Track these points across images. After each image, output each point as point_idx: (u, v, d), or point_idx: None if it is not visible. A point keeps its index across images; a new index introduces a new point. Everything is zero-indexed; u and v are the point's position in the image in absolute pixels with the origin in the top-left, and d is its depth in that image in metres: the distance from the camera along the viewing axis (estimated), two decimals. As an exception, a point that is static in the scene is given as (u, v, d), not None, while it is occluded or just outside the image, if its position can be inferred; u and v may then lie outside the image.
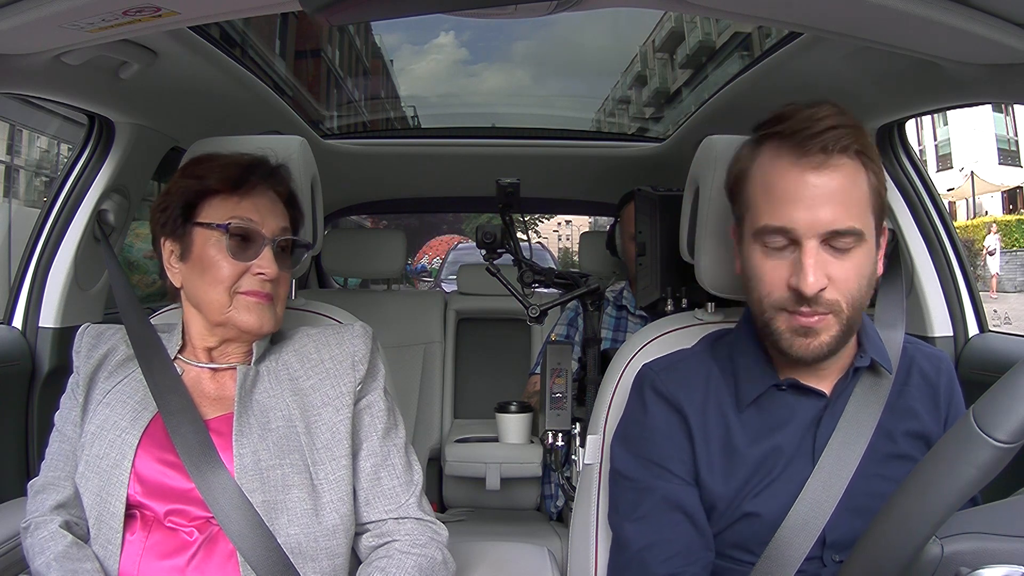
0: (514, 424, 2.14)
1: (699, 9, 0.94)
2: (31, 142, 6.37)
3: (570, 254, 18.62)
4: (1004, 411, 0.66)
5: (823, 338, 0.89)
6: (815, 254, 0.86)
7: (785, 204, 0.88)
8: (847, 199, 0.87)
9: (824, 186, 0.86)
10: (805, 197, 0.87)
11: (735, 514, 0.93)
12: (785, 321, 0.90)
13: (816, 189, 0.87)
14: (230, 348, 1.07)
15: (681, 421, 0.97)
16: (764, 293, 0.91)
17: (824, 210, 0.86)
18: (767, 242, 0.90)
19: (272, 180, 1.08)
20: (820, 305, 0.88)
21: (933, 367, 1.02)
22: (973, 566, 0.68)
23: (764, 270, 0.91)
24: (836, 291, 0.88)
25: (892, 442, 0.95)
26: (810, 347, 0.90)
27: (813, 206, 0.86)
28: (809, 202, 0.87)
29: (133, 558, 0.95)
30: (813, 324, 0.89)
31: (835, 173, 0.87)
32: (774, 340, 0.92)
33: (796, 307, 0.88)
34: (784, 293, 0.89)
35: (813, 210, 0.86)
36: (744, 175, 0.94)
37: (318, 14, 0.84)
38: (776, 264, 0.90)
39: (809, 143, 0.86)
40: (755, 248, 0.92)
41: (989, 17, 0.88)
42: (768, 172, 0.90)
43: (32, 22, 0.91)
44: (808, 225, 0.86)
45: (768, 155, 0.91)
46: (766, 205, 0.90)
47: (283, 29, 2.27)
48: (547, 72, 2.93)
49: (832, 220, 0.86)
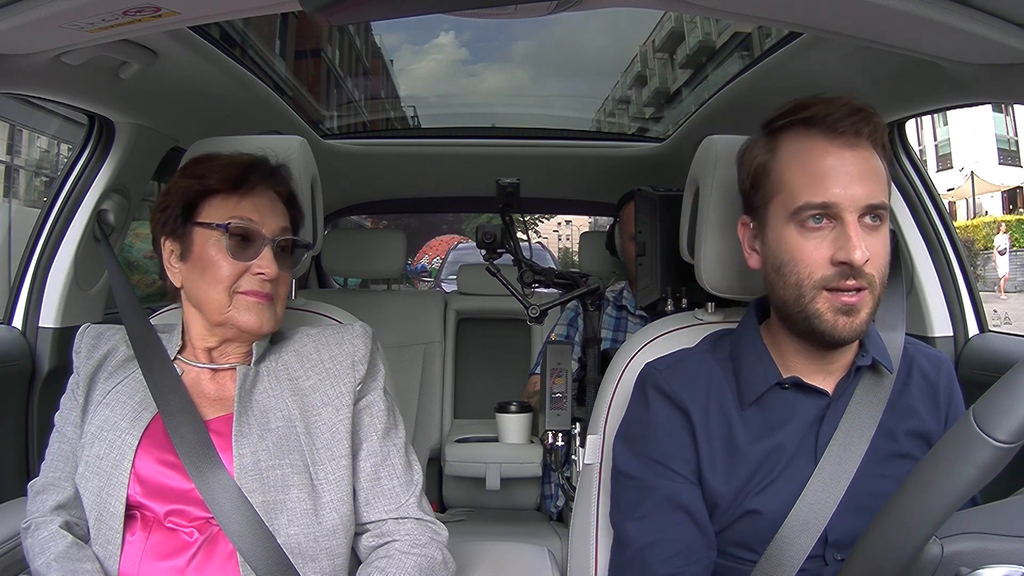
0: (514, 424, 2.14)
1: (699, 9, 0.94)
2: (31, 142, 6.37)
3: (570, 254, 18.62)
4: (1004, 411, 0.66)
5: (863, 315, 0.90)
6: (855, 226, 0.88)
7: (824, 180, 0.89)
8: (878, 177, 0.91)
9: (860, 163, 0.90)
10: (843, 173, 0.89)
11: (737, 512, 0.93)
12: (827, 301, 0.90)
13: (853, 166, 0.89)
14: (230, 348, 1.07)
15: (684, 419, 0.97)
16: (805, 274, 0.91)
17: (862, 185, 0.89)
18: (805, 222, 0.90)
19: (272, 180, 1.08)
20: (863, 278, 0.89)
21: (933, 367, 1.02)
22: (973, 566, 0.68)
23: (804, 250, 0.91)
24: (873, 266, 0.90)
25: (893, 441, 0.95)
26: (853, 325, 0.90)
27: (851, 182, 0.89)
28: (847, 178, 0.89)
29: (133, 558, 0.95)
30: (855, 302, 0.89)
31: (866, 152, 0.91)
32: (814, 323, 0.91)
33: (841, 282, 0.89)
34: (828, 270, 0.89)
35: (852, 185, 0.89)
36: (766, 166, 0.95)
37: (318, 14, 0.84)
38: (817, 243, 0.90)
39: (841, 124, 0.89)
40: (790, 230, 0.92)
41: (989, 17, 0.88)
42: (801, 153, 0.92)
43: (32, 22, 0.91)
44: (850, 199, 0.89)
45: (795, 140, 0.93)
46: (805, 183, 0.91)
47: (283, 29, 2.27)
48: (547, 72, 2.93)
49: (869, 194, 0.89)
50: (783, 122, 0.94)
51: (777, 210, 0.93)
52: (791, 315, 0.93)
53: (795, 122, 0.93)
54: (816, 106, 0.91)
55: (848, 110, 0.90)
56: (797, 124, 0.92)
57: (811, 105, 0.92)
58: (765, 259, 0.96)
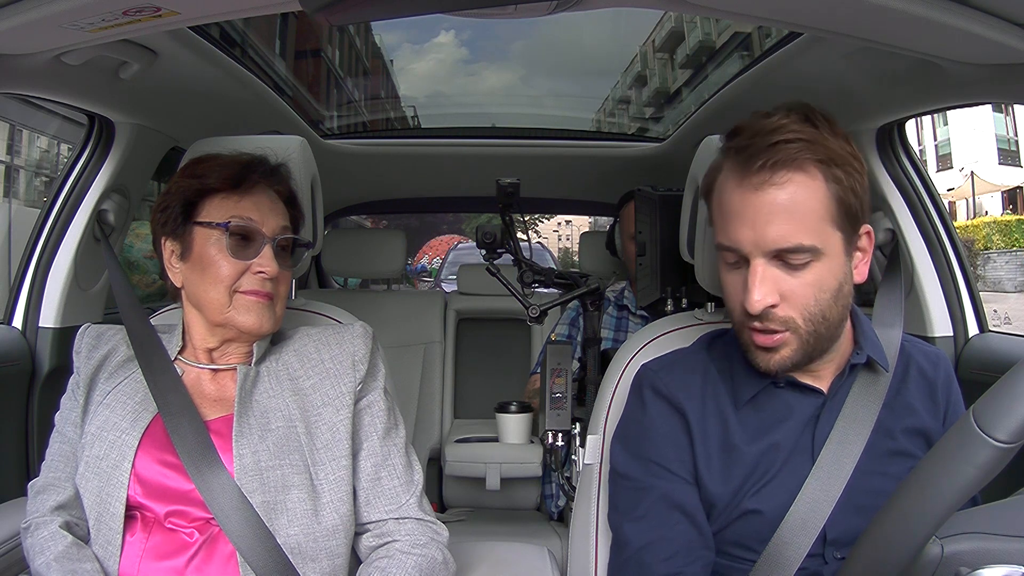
0: (514, 424, 2.14)
1: (699, 9, 0.94)
2: (31, 142, 6.37)
3: (570, 254, 18.62)
4: (1004, 411, 0.66)
5: (783, 353, 0.90)
6: (761, 272, 0.87)
7: (732, 222, 0.88)
8: (796, 215, 0.85)
9: (768, 204, 0.85)
10: (748, 216, 0.86)
11: (735, 512, 0.93)
12: (747, 336, 0.92)
13: (760, 208, 0.86)
14: (230, 349, 1.07)
15: (680, 420, 0.97)
16: (731, 308, 0.94)
17: (770, 228, 0.85)
18: (725, 258, 0.92)
19: (272, 179, 1.08)
20: (772, 322, 0.88)
21: (931, 364, 1.02)
22: (973, 566, 0.68)
23: (728, 287, 0.93)
24: (790, 308, 0.88)
25: (891, 439, 0.95)
26: (771, 362, 0.91)
27: (757, 225, 0.86)
28: (752, 221, 0.86)
29: (133, 559, 0.95)
30: (770, 343, 0.90)
31: (780, 190, 0.85)
32: (745, 351, 0.94)
33: (752, 323, 0.89)
34: (740, 310, 0.90)
35: (757, 228, 0.86)
36: (711, 188, 0.95)
37: (318, 14, 0.84)
38: (734, 280, 0.92)
39: (752, 161, 0.85)
40: (720, 263, 0.94)
41: (989, 17, 0.88)
42: (721, 190, 0.91)
43: (32, 22, 0.91)
44: (753, 243, 0.87)
45: (724, 172, 0.91)
46: (720, 223, 0.91)
47: (283, 29, 2.27)
48: (547, 72, 2.92)
49: (778, 238, 0.85)
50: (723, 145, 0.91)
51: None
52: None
53: (727, 148, 0.90)
54: (743, 134, 0.87)
55: (768, 141, 0.84)
56: (728, 152, 0.90)
57: (743, 130, 0.88)
58: None
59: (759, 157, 0.85)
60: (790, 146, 0.85)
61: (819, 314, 0.89)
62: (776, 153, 0.85)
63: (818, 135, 0.86)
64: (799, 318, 0.88)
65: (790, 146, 0.85)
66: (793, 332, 0.89)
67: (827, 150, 0.86)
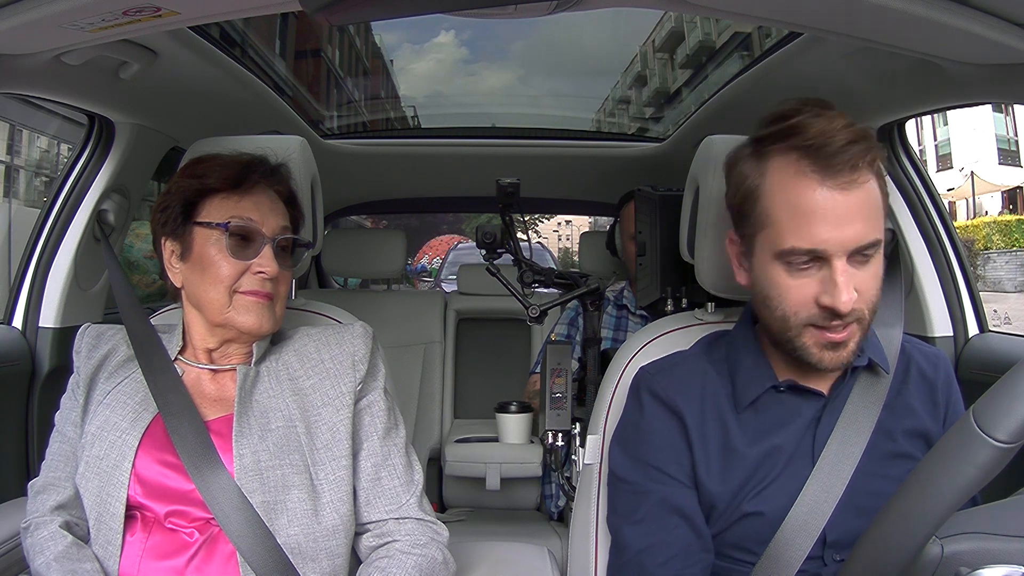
0: (514, 424, 2.14)
1: (699, 9, 0.94)
2: (31, 142, 6.37)
3: (570, 254, 18.62)
4: (1004, 411, 0.66)
5: (850, 347, 0.90)
6: (846, 271, 0.85)
7: (813, 225, 0.85)
8: (873, 212, 0.86)
9: (852, 204, 0.85)
10: (833, 216, 0.85)
11: (735, 514, 0.93)
12: (813, 336, 0.89)
13: (845, 208, 0.85)
14: (230, 349, 1.07)
15: (678, 424, 0.97)
16: (791, 312, 0.89)
17: (852, 228, 0.85)
18: (792, 263, 0.88)
19: (272, 179, 1.08)
20: (850, 317, 0.87)
21: (931, 365, 1.02)
22: (973, 566, 0.68)
23: (791, 290, 0.88)
24: (862, 301, 0.87)
25: (892, 441, 0.95)
26: (839, 358, 0.90)
27: (841, 225, 0.85)
28: (836, 221, 0.85)
29: (133, 559, 0.95)
30: (842, 338, 0.88)
31: (861, 190, 0.85)
32: (801, 355, 0.91)
33: (827, 323, 0.87)
34: (813, 311, 0.87)
35: (842, 229, 0.85)
36: (755, 193, 0.90)
37: (318, 14, 0.84)
38: (803, 283, 0.88)
39: (835, 160, 0.84)
40: (777, 267, 0.89)
41: (989, 17, 0.88)
42: (790, 189, 0.87)
43: (32, 22, 0.91)
44: (838, 243, 0.85)
45: (785, 169, 0.87)
46: (792, 226, 0.86)
47: (283, 29, 2.27)
48: (547, 72, 2.92)
49: (860, 236, 0.85)
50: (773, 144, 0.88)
51: (764, 244, 0.90)
52: (779, 341, 0.93)
53: (790, 148, 0.87)
54: (811, 131, 0.85)
55: (847, 138, 0.84)
56: (791, 151, 0.87)
57: (805, 128, 0.85)
58: (753, 283, 0.95)
59: (840, 156, 0.84)
60: (863, 146, 0.85)
61: (876, 304, 0.90)
62: (856, 153, 0.84)
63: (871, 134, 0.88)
64: (867, 310, 0.88)
65: (863, 146, 0.85)
66: (859, 325, 0.89)
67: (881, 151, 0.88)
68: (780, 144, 0.88)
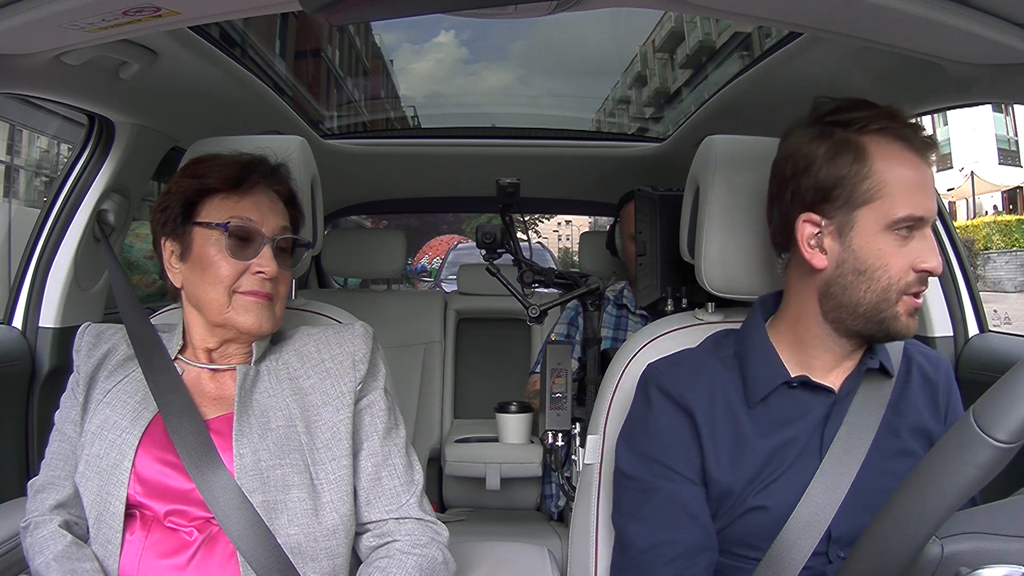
0: (514, 424, 2.14)
1: (699, 9, 0.94)
2: (31, 142, 6.37)
3: (570, 254, 18.61)
4: (1004, 411, 0.66)
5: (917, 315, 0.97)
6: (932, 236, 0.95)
7: (920, 194, 0.93)
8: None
9: (927, 180, 0.95)
10: (928, 188, 0.95)
11: (741, 508, 0.93)
12: (905, 304, 0.94)
13: (924, 183, 0.95)
14: (230, 349, 1.07)
15: (687, 419, 0.97)
16: (895, 279, 0.93)
17: (931, 199, 0.95)
18: (900, 231, 0.93)
19: (272, 179, 1.08)
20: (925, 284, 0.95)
21: (932, 366, 1.04)
22: (973, 566, 0.68)
23: (896, 257, 0.93)
24: None
25: (897, 438, 0.96)
26: (914, 324, 0.96)
27: (932, 195, 0.95)
28: (930, 192, 0.95)
29: (133, 558, 0.95)
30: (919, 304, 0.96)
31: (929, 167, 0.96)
32: (890, 325, 0.94)
33: (920, 288, 0.94)
34: (911, 276, 0.93)
35: (932, 199, 0.95)
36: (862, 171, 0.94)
37: (318, 14, 0.84)
38: (907, 250, 0.93)
39: (914, 137, 0.94)
40: (886, 238, 0.93)
41: (989, 17, 0.88)
42: (900, 165, 0.94)
43: (32, 22, 0.91)
44: (932, 212, 0.95)
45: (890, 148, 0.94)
46: (906, 196, 0.93)
47: (283, 29, 2.27)
48: (547, 72, 2.92)
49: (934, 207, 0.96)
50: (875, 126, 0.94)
51: (870, 216, 0.93)
52: (863, 315, 0.95)
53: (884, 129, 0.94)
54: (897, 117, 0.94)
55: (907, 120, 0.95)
56: (887, 132, 0.94)
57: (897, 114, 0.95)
58: (842, 260, 0.95)
59: (923, 138, 0.94)
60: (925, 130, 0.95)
61: None
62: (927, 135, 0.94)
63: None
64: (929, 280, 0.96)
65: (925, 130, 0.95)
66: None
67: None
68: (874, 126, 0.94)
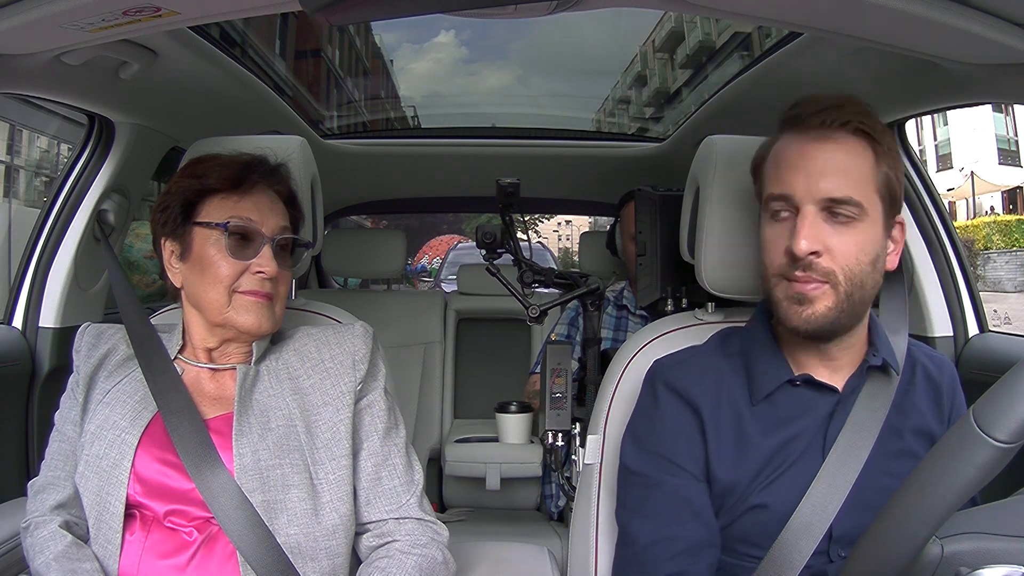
0: (514, 424, 2.14)
1: (699, 9, 0.94)
2: (31, 142, 6.37)
3: (570, 254, 18.62)
4: (1004, 411, 0.66)
5: (817, 307, 0.91)
6: (811, 218, 0.90)
7: (787, 172, 0.92)
8: (849, 172, 0.90)
9: (822, 156, 0.91)
10: (804, 166, 0.91)
11: (743, 506, 0.94)
12: (783, 289, 0.93)
13: (815, 159, 0.91)
14: (230, 348, 1.07)
15: (693, 415, 0.97)
16: (768, 261, 0.94)
17: (824, 179, 0.90)
18: (774, 213, 0.93)
19: (272, 179, 1.08)
20: (814, 271, 0.90)
21: (936, 367, 1.03)
22: (973, 566, 0.68)
23: (769, 239, 0.94)
24: (832, 260, 0.90)
25: (899, 438, 0.96)
26: (803, 315, 0.91)
27: (811, 174, 0.90)
28: (807, 170, 0.91)
29: (133, 558, 0.95)
30: (807, 291, 0.90)
31: (835, 146, 0.91)
32: (776, 311, 0.95)
33: (792, 272, 0.91)
34: (783, 259, 0.92)
35: (812, 178, 0.90)
36: (762, 158, 0.99)
37: (318, 14, 0.84)
38: (779, 231, 0.93)
39: (811, 118, 0.91)
40: (765, 220, 0.95)
41: (989, 17, 0.88)
42: (779, 149, 0.95)
43: (32, 22, 0.91)
44: (806, 191, 0.90)
45: (781, 139, 0.96)
46: (773, 175, 0.94)
47: (283, 29, 2.27)
48: (547, 72, 2.92)
49: (831, 188, 0.89)
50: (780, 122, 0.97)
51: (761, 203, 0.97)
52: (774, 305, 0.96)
53: (784, 122, 0.96)
54: (802, 104, 0.94)
55: (825, 104, 0.91)
56: (786, 124, 0.95)
57: (799, 104, 0.94)
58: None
59: (822, 115, 0.91)
60: (841, 110, 0.91)
61: (858, 276, 0.91)
62: (838, 114, 0.90)
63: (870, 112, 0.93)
64: (840, 273, 0.90)
65: (841, 110, 0.91)
66: (832, 287, 0.90)
67: (879, 129, 0.92)
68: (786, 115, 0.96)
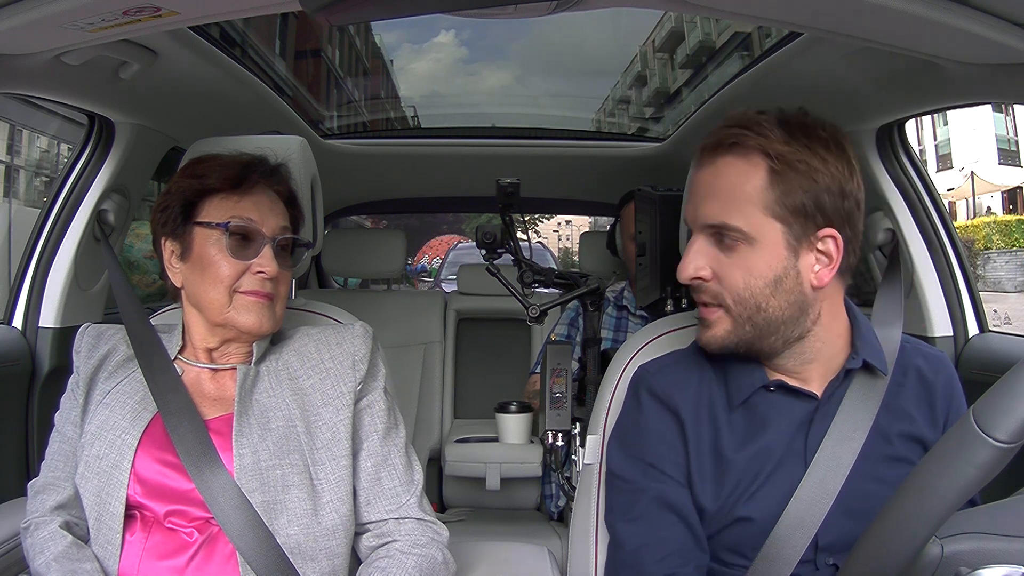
0: (514, 424, 2.14)
1: (699, 9, 0.94)
2: (31, 142, 6.37)
3: (570, 254, 18.62)
4: (1004, 411, 0.66)
5: (716, 330, 0.94)
6: (698, 245, 0.93)
7: (686, 200, 0.97)
8: (728, 197, 0.90)
9: (707, 182, 0.92)
10: (691, 192, 0.95)
11: (727, 519, 0.93)
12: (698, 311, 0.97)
13: (700, 185, 0.93)
14: (231, 348, 1.07)
15: (676, 422, 0.97)
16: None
17: (704, 205, 0.92)
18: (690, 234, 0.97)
19: (272, 179, 1.08)
20: (705, 295, 0.94)
21: (931, 368, 1.00)
22: (973, 566, 0.68)
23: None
24: (719, 284, 0.92)
25: (888, 443, 0.94)
26: (704, 336, 0.96)
27: (696, 200, 0.93)
28: (693, 197, 0.94)
29: (133, 558, 0.95)
30: (704, 315, 0.95)
31: (717, 171, 0.91)
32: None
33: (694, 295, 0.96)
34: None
35: (696, 204, 0.93)
36: None
37: (318, 14, 0.84)
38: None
39: (705, 144, 0.93)
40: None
41: (989, 17, 0.88)
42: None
43: (32, 22, 0.91)
44: (692, 218, 0.94)
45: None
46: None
47: (283, 29, 2.27)
48: (547, 72, 2.93)
49: (708, 215, 0.92)
50: None
51: None
52: None
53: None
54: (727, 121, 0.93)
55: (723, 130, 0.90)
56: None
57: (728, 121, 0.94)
58: None
59: (710, 137, 0.92)
60: (733, 131, 0.90)
61: (750, 299, 0.91)
62: (724, 135, 0.90)
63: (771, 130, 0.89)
64: (728, 297, 0.92)
65: (733, 131, 0.90)
66: (725, 311, 0.93)
67: (771, 143, 0.88)
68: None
